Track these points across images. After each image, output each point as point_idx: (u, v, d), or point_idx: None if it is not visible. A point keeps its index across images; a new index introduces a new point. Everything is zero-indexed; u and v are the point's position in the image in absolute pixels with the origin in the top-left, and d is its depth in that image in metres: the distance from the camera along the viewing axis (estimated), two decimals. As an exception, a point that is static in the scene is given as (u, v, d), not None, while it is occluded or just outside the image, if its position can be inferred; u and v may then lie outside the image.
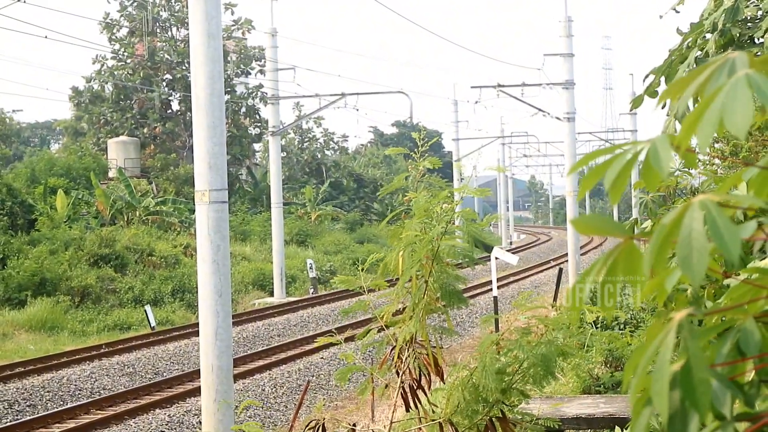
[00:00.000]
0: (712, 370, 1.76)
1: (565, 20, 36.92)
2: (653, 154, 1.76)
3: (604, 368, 15.17)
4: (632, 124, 65.05)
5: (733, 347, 1.84)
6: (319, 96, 41.60)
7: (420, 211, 5.96)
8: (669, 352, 1.71)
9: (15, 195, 42.02)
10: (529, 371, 5.55)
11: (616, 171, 1.83)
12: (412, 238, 5.84)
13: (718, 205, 1.71)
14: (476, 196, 6.46)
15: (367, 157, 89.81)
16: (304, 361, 24.96)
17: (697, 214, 1.70)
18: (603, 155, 1.86)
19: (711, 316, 2.03)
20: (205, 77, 13.12)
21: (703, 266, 1.66)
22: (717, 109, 1.69)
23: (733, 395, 1.75)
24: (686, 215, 1.71)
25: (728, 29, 7.23)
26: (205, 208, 13.09)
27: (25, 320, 31.06)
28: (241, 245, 48.45)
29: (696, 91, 1.78)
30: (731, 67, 1.74)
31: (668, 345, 1.72)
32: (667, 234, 1.72)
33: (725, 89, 1.69)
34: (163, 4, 63.37)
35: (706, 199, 1.71)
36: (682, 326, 1.74)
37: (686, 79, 1.80)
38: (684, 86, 1.80)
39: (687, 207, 1.72)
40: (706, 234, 1.68)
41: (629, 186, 1.88)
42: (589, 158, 1.96)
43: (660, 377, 1.68)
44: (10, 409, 20.42)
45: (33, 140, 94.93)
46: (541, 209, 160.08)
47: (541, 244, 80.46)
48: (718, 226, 1.68)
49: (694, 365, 1.70)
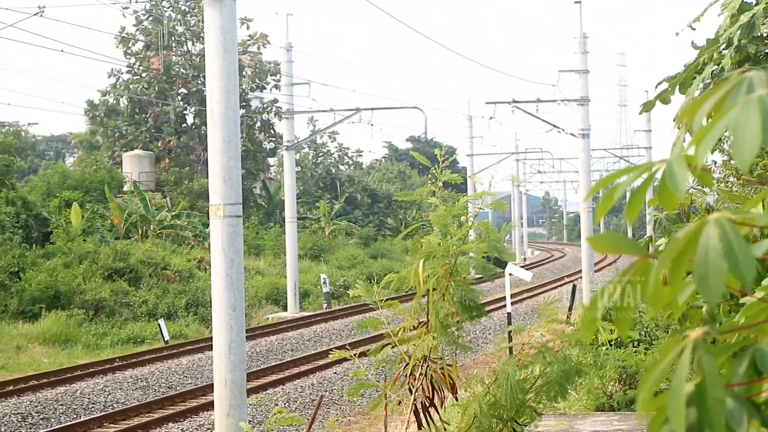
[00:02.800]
0: (728, 390, 1.74)
1: (580, 37, 36.93)
2: (669, 175, 1.75)
3: (617, 386, 15.11)
4: (647, 141, 64.89)
5: (749, 366, 1.82)
6: (334, 111, 41.68)
7: (439, 220, 5.96)
8: (685, 370, 1.70)
9: (30, 208, 42.12)
10: (544, 388, 5.53)
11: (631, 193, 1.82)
12: (433, 248, 5.83)
13: (733, 224, 1.70)
14: (493, 208, 6.46)
15: (382, 172, 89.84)
16: (318, 376, 24.93)
17: (713, 233, 1.69)
18: (619, 177, 1.85)
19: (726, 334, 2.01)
20: (220, 91, 13.14)
21: (720, 287, 1.65)
22: (722, 126, 1.68)
23: (749, 415, 1.73)
24: (703, 233, 1.70)
25: (744, 45, 7.21)
26: (219, 222, 13.10)
27: (39, 333, 31.11)
28: (254, 259, 48.48)
29: (711, 109, 1.77)
30: (749, 86, 1.72)
31: (684, 363, 1.71)
32: (683, 250, 1.71)
33: (735, 110, 1.68)
34: (179, 19, 63.58)
35: (722, 218, 1.70)
36: (698, 345, 1.73)
37: (702, 99, 1.79)
38: (699, 106, 1.80)
39: (703, 225, 1.71)
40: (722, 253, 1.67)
41: (644, 203, 1.87)
42: (605, 182, 1.95)
43: (676, 396, 1.67)
44: (24, 422, 20.44)
45: (48, 153, 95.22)
46: (555, 225, 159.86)
47: (555, 260, 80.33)
48: (732, 247, 1.67)
49: (709, 384, 1.69)
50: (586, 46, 36.95)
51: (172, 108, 62.07)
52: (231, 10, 13.25)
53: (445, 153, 6.56)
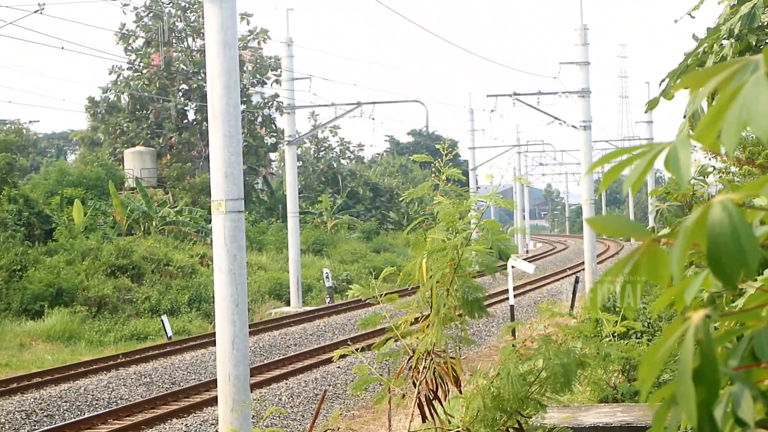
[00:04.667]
0: (733, 372, 1.73)
1: (581, 29, 36.90)
2: (673, 159, 1.73)
3: (621, 377, 15.10)
4: (648, 133, 64.90)
5: (748, 353, 1.81)
6: (335, 105, 41.63)
7: (446, 217, 5.95)
8: (689, 353, 1.68)
9: (32, 206, 42.13)
10: (548, 380, 5.52)
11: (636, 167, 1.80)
12: (438, 244, 5.82)
13: (738, 208, 1.68)
14: (503, 206, 6.45)
15: (383, 166, 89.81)
16: (321, 370, 24.95)
17: (720, 214, 1.67)
18: (622, 155, 1.84)
19: (724, 322, 2.00)
20: (221, 87, 13.13)
21: (736, 271, 1.64)
22: (738, 108, 1.65)
23: (754, 399, 1.72)
24: (709, 216, 1.68)
25: (745, 35, 7.21)
26: (221, 217, 13.10)
27: (43, 330, 31.13)
28: (257, 254, 48.49)
29: (716, 88, 1.74)
30: (755, 68, 1.71)
31: (688, 347, 1.69)
32: (690, 236, 1.69)
33: (745, 88, 1.66)
34: (179, 15, 63.55)
35: (726, 201, 1.69)
36: (699, 328, 1.72)
37: (706, 72, 1.76)
38: (703, 79, 1.77)
39: (708, 208, 1.69)
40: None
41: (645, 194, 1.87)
42: (608, 158, 1.94)
43: (685, 380, 1.66)
44: (28, 420, 20.46)
45: (50, 151, 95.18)
46: (557, 218, 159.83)
47: (558, 252, 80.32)
48: (738, 232, 1.66)
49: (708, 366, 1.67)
50: (587, 37, 36.93)
51: (173, 104, 62.06)
52: (231, 5, 13.24)
53: (448, 147, 6.54)
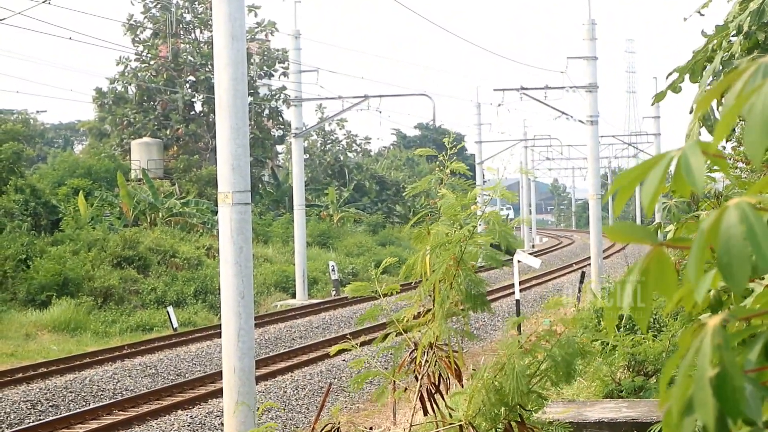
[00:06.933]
0: (747, 377, 1.73)
1: (588, 23, 36.84)
2: (685, 166, 1.72)
3: (626, 372, 15.08)
4: (655, 128, 64.74)
5: (760, 353, 1.80)
6: (342, 98, 41.61)
7: (449, 211, 5.94)
8: (707, 359, 1.67)
9: (39, 196, 42.18)
10: (549, 371, 5.52)
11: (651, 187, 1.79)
12: (441, 238, 5.81)
13: (753, 208, 1.67)
14: (506, 198, 6.43)
15: (390, 159, 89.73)
16: (326, 363, 24.95)
17: (734, 218, 1.66)
18: (634, 174, 1.83)
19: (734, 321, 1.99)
20: (228, 79, 13.13)
21: (745, 275, 1.63)
22: (759, 112, 1.64)
23: (763, 400, 1.71)
24: (723, 219, 1.67)
25: (754, 32, 7.18)
26: (228, 209, 13.10)
27: (48, 321, 31.17)
28: (263, 247, 48.50)
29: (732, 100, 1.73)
30: (765, 71, 1.70)
31: (705, 353, 1.68)
32: (706, 240, 1.68)
33: (760, 92, 1.65)
34: (187, 6, 63.53)
35: (743, 203, 1.68)
36: (716, 334, 1.71)
37: (715, 89, 1.77)
38: (713, 97, 1.77)
39: (724, 211, 1.68)
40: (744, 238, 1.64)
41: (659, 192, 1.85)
42: (622, 179, 1.93)
43: (702, 387, 1.65)
44: (33, 410, 20.49)
45: (57, 141, 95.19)
46: (563, 212, 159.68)
47: (564, 247, 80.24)
48: (755, 231, 1.65)
49: (731, 373, 1.67)
50: (595, 32, 36.86)
51: (180, 96, 62.06)
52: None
53: (453, 141, 6.54)
